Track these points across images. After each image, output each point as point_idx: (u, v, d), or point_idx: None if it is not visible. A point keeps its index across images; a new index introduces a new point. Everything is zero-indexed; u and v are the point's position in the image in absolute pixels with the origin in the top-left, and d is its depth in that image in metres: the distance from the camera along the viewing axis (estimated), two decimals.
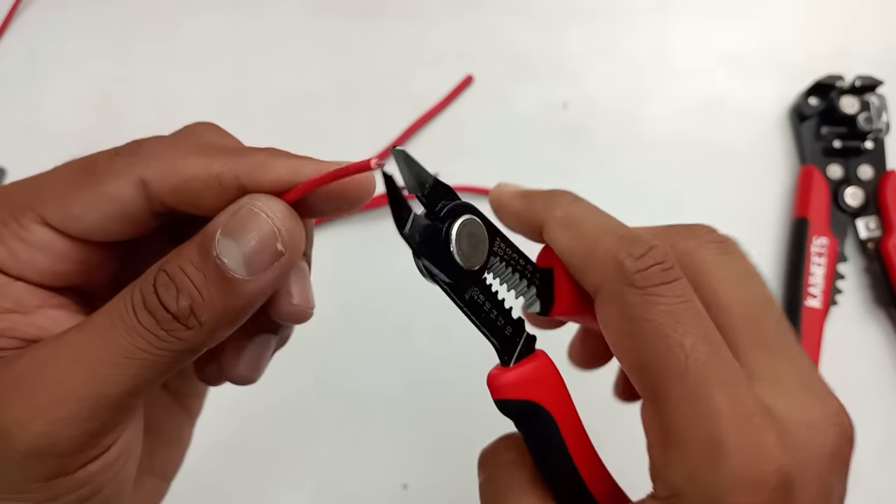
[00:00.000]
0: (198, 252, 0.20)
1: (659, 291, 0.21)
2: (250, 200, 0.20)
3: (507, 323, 0.23)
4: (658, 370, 0.20)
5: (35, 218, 0.21)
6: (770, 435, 0.19)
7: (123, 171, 0.21)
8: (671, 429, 0.20)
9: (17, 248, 0.21)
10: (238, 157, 0.21)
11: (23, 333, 0.21)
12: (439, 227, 0.21)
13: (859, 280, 0.51)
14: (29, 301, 0.21)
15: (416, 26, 0.58)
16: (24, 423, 0.19)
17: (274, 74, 0.57)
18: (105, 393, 0.19)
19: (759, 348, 0.22)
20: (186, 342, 0.20)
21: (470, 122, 0.55)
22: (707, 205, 0.53)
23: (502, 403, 0.23)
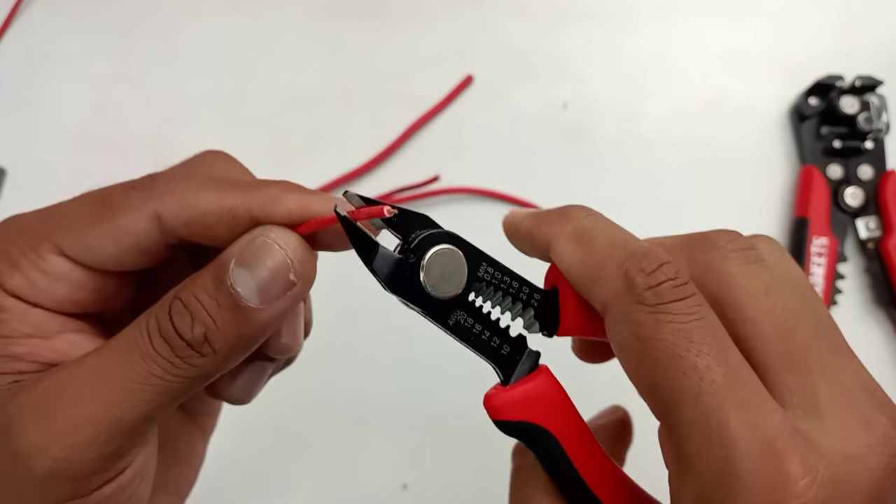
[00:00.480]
0: (212, 281, 0.20)
1: (670, 309, 0.19)
2: (264, 232, 0.21)
3: (504, 342, 0.23)
4: (670, 393, 0.19)
5: (52, 248, 0.21)
6: (793, 464, 0.17)
7: (138, 205, 0.22)
8: (684, 455, 0.19)
9: (35, 277, 0.21)
10: (250, 192, 0.21)
11: (43, 358, 0.21)
12: (409, 260, 0.21)
13: (859, 280, 0.51)
14: (49, 326, 0.22)
15: (416, 27, 0.58)
16: (42, 447, 0.19)
17: (274, 75, 0.57)
18: (121, 418, 0.20)
19: (789, 367, 0.20)
20: (200, 369, 0.20)
21: (470, 122, 0.55)
22: (707, 205, 0.53)
23: (500, 424, 0.23)
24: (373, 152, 0.54)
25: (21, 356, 0.21)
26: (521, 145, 0.55)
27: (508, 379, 0.23)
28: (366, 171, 0.54)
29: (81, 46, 0.58)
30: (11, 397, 0.20)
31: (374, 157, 0.54)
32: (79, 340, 0.22)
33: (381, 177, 0.54)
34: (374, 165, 0.54)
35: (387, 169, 0.55)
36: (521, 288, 0.23)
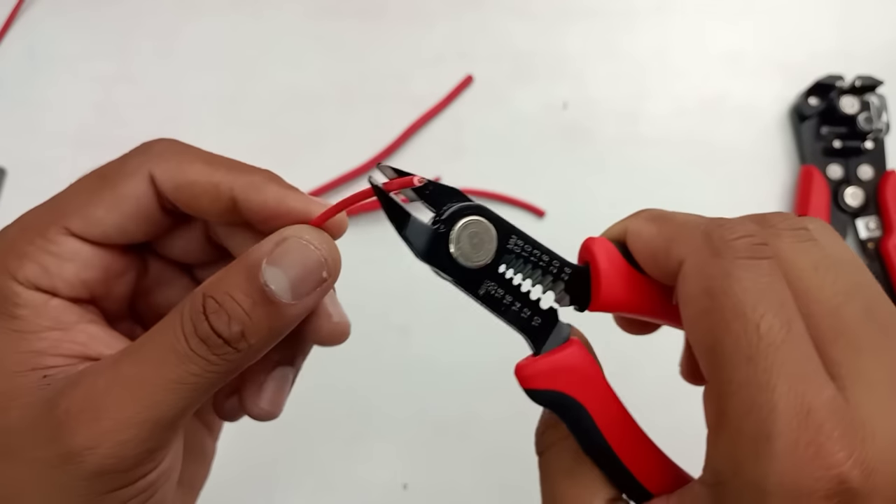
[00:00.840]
0: (245, 279, 0.21)
1: (745, 266, 0.19)
2: (297, 232, 0.22)
3: (535, 313, 0.23)
4: (727, 351, 0.19)
5: (59, 230, 0.23)
6: (832, 437, 0.17)
7: (135, 170, 0.23)
8: (726, 414, 0.19)
9: (46, 262, 0.22)
10: (237, 174, 0.23)
11: (66, 350, 0.22)
12: (439, 229, 0.22)
13: None
14: (66, 318, 0.23)
15: (416, 27, 0.58)
16: (92, 447, 0.20)
17: (274, 75, 0.57)
18: (162, 416, 0.21)
19: (839, 342, 0.19)
20: (234, 363, 0.22)
21: (470, 122, 0.55)
22: (707, 204, 0.53)
23: (531, 393, 0.23)
24: (373, 152, 0.54)
25: (45, 351, 0.22)
26: (522, 145, 0.55)
27: (539, 349, 0.23)
28: (365, 171, 0.54)
29: (82, 46, 0.58)
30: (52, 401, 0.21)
31: (374, 157, 0.54)
32: (96, 331, 0.23)
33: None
34: (373, 165, 0.54)
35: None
36: (551, 262, 0.24)
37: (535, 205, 0.53)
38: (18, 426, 0.21)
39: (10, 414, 0.21)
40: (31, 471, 0.21)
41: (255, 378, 0.27)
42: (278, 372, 0.27)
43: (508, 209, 0.53)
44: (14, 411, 0.21)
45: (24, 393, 0.21)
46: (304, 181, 0.54)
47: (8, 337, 0.22)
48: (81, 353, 0.23)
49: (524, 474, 0.48)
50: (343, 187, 0.54)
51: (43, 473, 0.21)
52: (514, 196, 0.53)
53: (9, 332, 0.22)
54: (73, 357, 0.22)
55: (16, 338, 0.22)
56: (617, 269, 0.24)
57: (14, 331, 0.22)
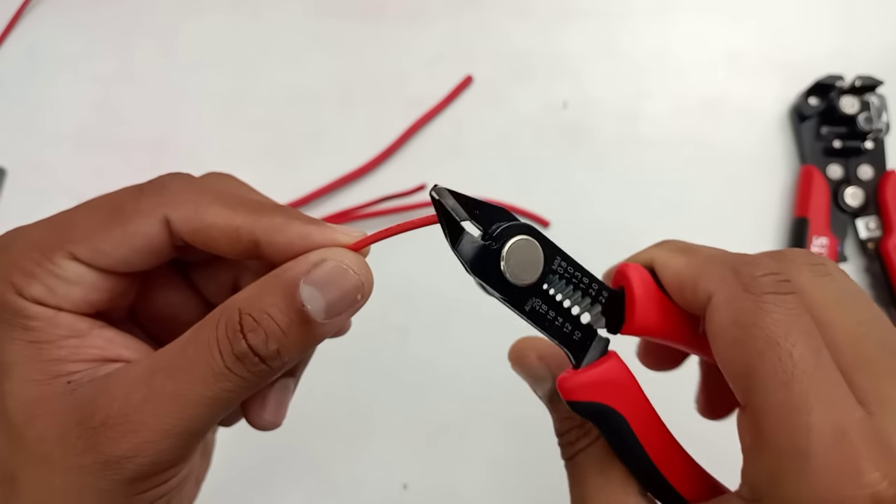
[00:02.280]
0: (282, 298, 0.22)
1: (773, 301, 0.21)
2: (337, 256, 0.23)
3: (576, 328, 0.24)
4: (762, 376, 0.20)
5: (66, 255, 0.23)
6: (867, 458, 0.18)
7: (150, 211, 0.23)
8: (764, 434, 0.20)
9: (52, 284, 0.23)
10: (257, 216, 0.23)
11: (86, 356, 0.23)
12: (491, 247, 0.23)
13: (859, 280, 0.51)
14: (80, 326, 0.23)
15: (416, 27, 0.58)
16: (132, 457, 0.21)
17: (273, 75, 0.57)
18: (196, 428, 0.22)
19: (863, 369, 0.21)
20: (264, 378, 0.23)
21: (470, 122, 0.55)
22: (707, 204, 0.53)
23: (573, 405, 0.24)
24: (372, 152, 0.54)
25: (65, 358, 0.23)
26: (522, 145, 0.55)
27: (580, 363, 0.24)
28: (366, 171, 0.54)
29: (82, 46, 0.58)
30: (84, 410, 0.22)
31: (374, 157, 0.54)
32: (111, 335, 0.24)
33: (381, 177, 0.54)
34: (374, 166, 0.54)
35: (387, 169, 0.55)
36: (590, 284, 0.25)
37: (539, 214, 0.53)
38: (47, 434, 0.22)
39: (39, 422, 0.22)
40: (68, 477, 0.21)
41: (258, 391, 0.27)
42: (280, 383, 0.27)
43: None
44: (42, 419, 0.22)
45: (50, 401, 0.22)
46: (304, 181, 0.54)
47: (26, 348, 0.22)
48: (101, 357, 0.23)
49: (524, 474, 0.49)
50: (343, 187, 0.54)
51: (80, 479, 0.21)
52: (519, 205, 0.53)
53: (26, 344, 0.22)
54: (94, 361, 0.23)
55: (34, 348, 0.22)
56: (650, 295, 0.25)
57: (31, 342, 0.22)
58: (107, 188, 0.25)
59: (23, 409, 0.22)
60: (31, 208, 0.55)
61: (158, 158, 0.55)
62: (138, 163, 0.55)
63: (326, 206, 0.54)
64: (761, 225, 0.53)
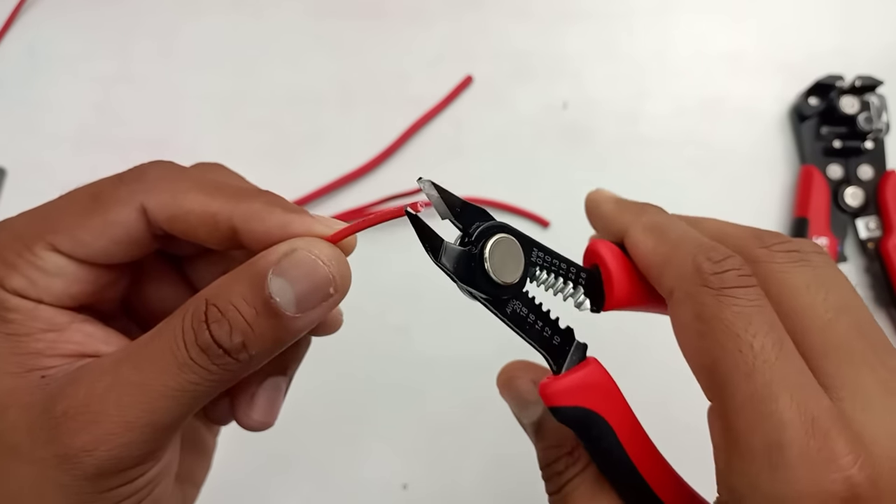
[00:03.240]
0: (249, 289, 0.21)
1: (733, 293, 0.21)
2: (306, 245, 0.21)
3: (555, 333, 0.24)
4: (725, 370, 0.20)
5: (46, 246, 0.22)
6: (839, 442, 0.18)
7: (127, 198, 0.23)
8: (734, 431, 0.19)
9: (33, 276, 0.22)
10: (235, 202, 0.22)
11: (63, 350, 0.22)
12: (472, 251, 0.22)
13: (859, 280, 0.51)
14: (59, 320, 0.23)
15: (416, 27, 0.58)
16: (91, 449, 0.21)
17: (274, 75, 0.57)
18: (160, 421, 0.21)
19: (831, 355, 0.21)
20: (233, 372, 0.22)
21: (470, 123, 0.55)
22: (707, 204, 0.53)
23: (556, 411, 0.23)
24: (372, 152, 0.54)
25: (42, 352, 0.22)
26: (522, 145, 0.55)
27: (560, 368, 0.24)
28: (366, 171, 0.54)
29: (82, 46, 0.58)
30: (51, 400, 0.21)
31: (375, 157, 0.54)
32: (91, 329, 0.23)
33: (381, 177, 0.54)
34: (374, 166, 0.54)
35: (386, 169, 0.55)
36: (569, 268, 0.25)
37: (539, 215, 0.53)
38: (17, 425, 0.21)
39: (10, 413, 0.21)
40: (31, 470, 0.21)
41: (246, 389, 0.26)
42: (270, 382, 0.27)
43: (514, 219, 0.53)
44: (13, 410, 0.21)
45: (23, 393, 0.21)
46: (304, 181, 0.54)
47: (3, 340, 0.22)
48: (78, 352, 0.23)
49: (524, 474, 0.48)
50: (343, 187, 0.54)
51: (42, 472, 0.21)
52: (519, 206, 0.53)
53: (3, 336, 0.22)
54: (71, 356, 0.22)
55: (12, 341, 0.22)
56: (624, 268, 0.25)
57: (8, 334, 0.22)
58: None
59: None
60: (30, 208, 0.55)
61: (158, 158, 0.55)
62: (138, 163, 0.55)
63: (327, 206, 0.54)
64: (761, 225, 0.52)
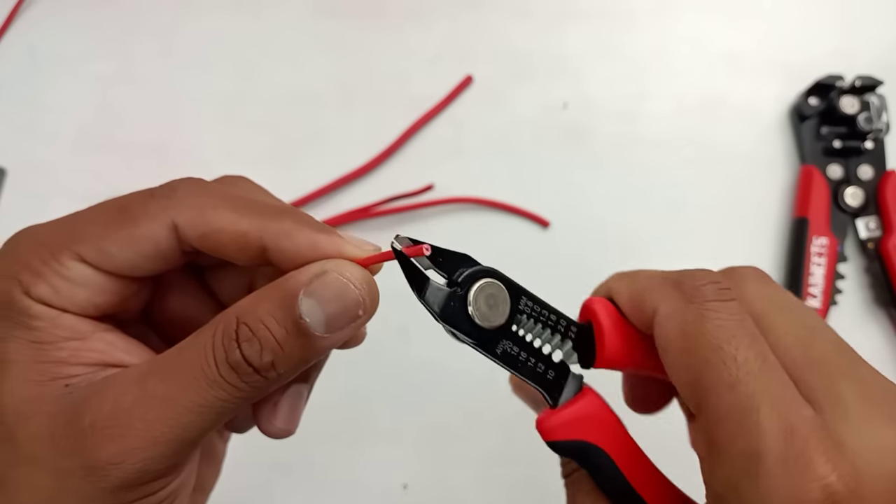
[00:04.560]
0: (280, 309, 0.21)
1: (715, 308, 0.21)
2: (337, 268, 0.22)
3: (549, 367, 0.24)
4: (709, 382, 0.20)
5: (73, 256, 0.22)
6: (818, 451, 0.18)
7: (157, 214, 0.23)
8: (717, 440, 0.20)
9: (58, 285, 0.22)
10: (266, 221, 0.23)
11: (86, 359, 0.23)
12: (457, 292, 0.23)
13: (859, 280, 0.51)
14: (82, 328, 0.23)
15: (416, 26, 0.58)
16: (117, 462, 0.21)
17: (274, 74, 0.57)
18: (186, 436, 0.21)
19: (813, 369, 0.21)
20: (260, 389, 0.22)
21: (470, 123, 0.55)
22: (707, 205, 0.53)
23: (553, 445, 0.24)
24: (372, 152, 0.54)
25: (65, 360, 0.22)
26: (521, 145, 0.55)
27: (556, 402, 0.24)
28: (366, 171, 0.54)
29: (82, 46, 0.58)
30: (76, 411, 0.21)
31: (375, 157, 0.54)
32: (113, 339, 0.24)
33: (381, 177, 0.54)
34: (374, 166, 0.54)
35: (386, 169, 0.55)
36: (558, 321, 0.25)
37: (539, 215, 0.53)
38: (39, 435, 0.21)
39: (32, 422, 0.21)
40: (54, 479, 0.21)
41: (269, 397, 0.26)
42: (293, 390, 0.27)
43: (514, 219, 0.53)
44: (35, 419, 0.21)
45: (46, 402, 0.22)
46: (304, 181, 0.54)
47: (28, 348, 0.22)
48: (101, 361, 0.23)
49: (524, 474, 0.48)
50: (343, 187, 0.54)
51: (66, 482, 0.21)
52: (519, 205, 0.53)
53: (28, 344, 0.22)
54: (94, 365, 0.23)
55: (35, 349, 0.22)
56: (617, 327, 0.25)
57: (33, 342, 0.22)
58: (106, 189, 0.24)
59: (17, 408, 0.21)
60: (30, 209, 0.55)
61: (158, 159, 0.55)
62: (138, 163, 0.55)
63: (327, 206, 0.54)
64: (761, 225, 0.53)
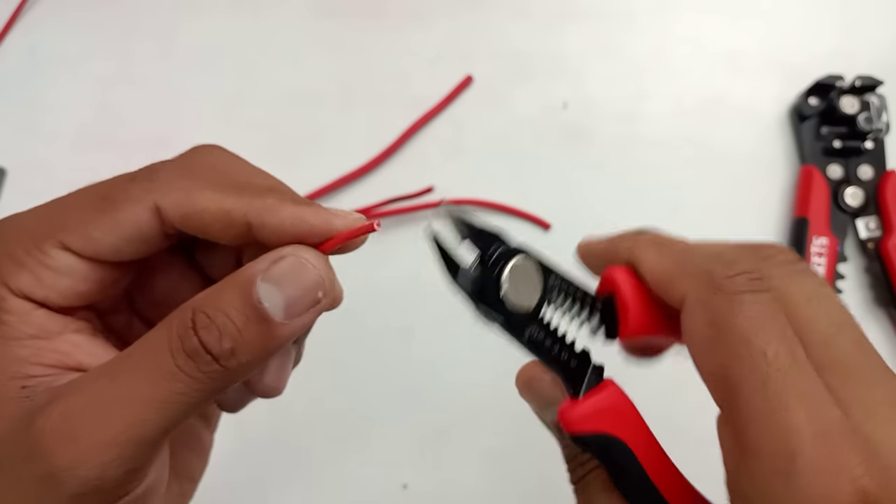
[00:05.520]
0: (238, 296, 0.21)
1: (746, 299, 0.20)
2: (295, 251, 0.22)
3: (571, 356, 0.24)
4: (738, 378, 0.20)
5: (56, 244, 0.22)
6: (851, 452, 0.18)
7: (140, 197, 0.22)
8: (746, 438, 0.19)
9: (41, 274, 0.22)
10: (249, 198, 0.22)
11: (47, 360, 0.22)
12: (490, 275, 0.22)
13: (859, 280, 0.51)
14: (50, 327, 0.22)
15: (416, 26, 0.58)
16: (71, 468, 0.20)
17: (274, 74, 0.57)
18: (145, 435, 0.20)
19: (834, 369, 0.20)
20: (221, 381, 0.21)
21: (470, 123, 0.55)
22: (707, 205, 0.53)
23: (576, 437, 0.23)
24: (372, 152, 0.54)
25: (26, 359, 0.22)
26: (522, 145, 0.55)
27: (578, 392, 0.24)
28: (366, 171, 0.54)
29: (82, 46, 0.58)
30: (30, 416, 0.20)
31: (374, 157, 0.54)
32: (79, 341, 0.23)
33: (381, 177, 0.54)
34: (374, 166, 0.54)
35: (386, 169, 0.55)
36: (586, 296, 0.25)
37: (540, 217, 0.53)
38: (3, 440, 0.21)
39: None
40: (15, 486, 0.20)
41: None
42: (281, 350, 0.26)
43: (515, 221, 0.53)
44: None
45: (4, 404, 0.21)
46: (304, 181, 0.54)
47: None
48: (62, 363, 0.22)
49: (524, 474, 0.48)
50: (343, 187, 0.54)
51: (25, 490, 0.20)
52: (519, 207, 0.53)
53: None
54: (54, 367, 0.22)
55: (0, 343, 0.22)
56: (639, 296, 0.24)
57: None
58: None
59: None
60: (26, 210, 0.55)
61: (158, 159, 0.55)
62: (138, 163, 0.54)
63: (327, 205, 0.54)
64: (761, 225, 0.53)
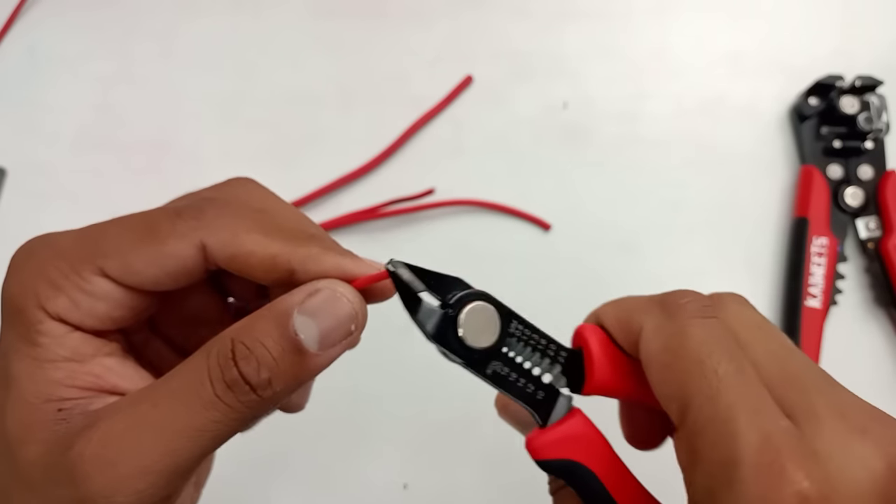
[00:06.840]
0: (275, 327, 0.22)
1: (697, 324, 0.22)
2: (331, 285, 0.23)
3: (538, 388, 0.25)
4: (690, 394, 0.21)
5: (95, 270, 0.22)
6: (793, 459, 0.19)
7: (186, 233, 0.23)
8: (697, 450, 0.21)
9: (78, 299, 0.22)
10: (295, 246, 0.23)
11: (81, 382, 0.22)
12: (449, 314, 0.23)
13: (859, 280, 0.51)
14: (85, 350, 0.23)
15: (416, 26, 0.58)
16: (107, 495, 0.20)
17: (274, 75, 0.57)
18: (180, 464, 0.21)
19: (790, 384, 0.22)
20: (256, 410, 0.22)
21: (469, 123, 0.55)
22: (707, 205, 0.53)
23: (542, 464, 0.24)
24: (372, 153, 0.54)
25: (61, 381, 0.22)
26: (522, 145, 0.55)
27: (546, 421, 0.25)
28: (365, 171, 0.54)
29: (82, 46, 0.58)
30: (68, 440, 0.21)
31: (374, 157, 0.54)
32: (111, 363, 0.24)
33: (381, 178, 0.54)
34: (373, 166, 0.54)
35: (386, 170, 0.55)
36: (548, 345, 0.25)
37: (540, 217, 0.53)
38: (36, 461, 0.21)
39: (29, 448, 0.21)
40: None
41: None
42: None
43: (515, 222, 0.53)
44: (32, 446, 0.21)
45: (41, 427, 0.21)
46: (304, 181, 0.54)
47: (28, 364, 0.22)
48: (96, 385, 0.23)
49: (524, 475, 0.48)
50: (343, 188, 0.54)
51: None
52: (519, 207, 0.53)
53: (30, 360, 0.22)
54: (88, 389, 0.23)
55: (35, 366, 0.22)
56: (608, 353, 0.25)
57: (34, 358, 0.22)
58: (107, 189, 0.24)
59: (18, 430, 0.21)
60: (30, 209, 0.55)
61: (158, 159, 0.55)
62: (138, 163, 0.55)
63: (327, 206, 0.54)
64: (761, 225, 0.53)
